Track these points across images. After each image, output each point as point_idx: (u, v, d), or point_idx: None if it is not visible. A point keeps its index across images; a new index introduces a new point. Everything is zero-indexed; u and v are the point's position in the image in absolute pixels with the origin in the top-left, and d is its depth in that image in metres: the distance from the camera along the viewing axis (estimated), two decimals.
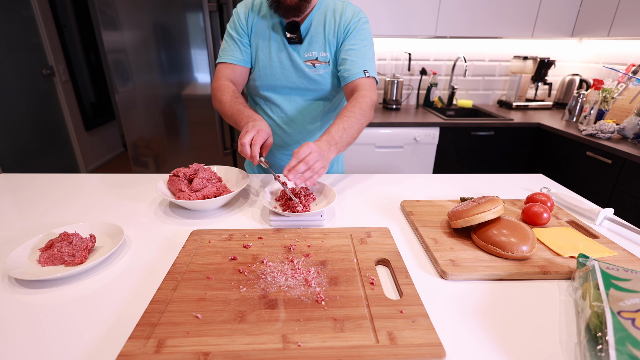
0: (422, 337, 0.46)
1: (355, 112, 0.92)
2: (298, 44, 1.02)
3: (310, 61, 1.03)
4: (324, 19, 1.02)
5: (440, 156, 2.25)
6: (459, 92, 2.73)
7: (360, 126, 0.93)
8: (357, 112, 0.92)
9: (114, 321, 0.50)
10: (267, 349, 0.44)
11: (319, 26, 1.02)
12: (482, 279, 0.60)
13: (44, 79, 2.82)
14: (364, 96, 0.96)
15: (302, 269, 0.60)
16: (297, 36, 1.00)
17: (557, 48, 2.64)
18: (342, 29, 1.01)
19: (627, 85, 1.96)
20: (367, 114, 0.96)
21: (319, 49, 1.03)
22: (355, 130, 0.91)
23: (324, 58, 1.03)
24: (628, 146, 1.70)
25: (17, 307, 0.53)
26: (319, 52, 1.03)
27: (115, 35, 2.01)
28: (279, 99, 1.09)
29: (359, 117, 0.92)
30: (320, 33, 1.02)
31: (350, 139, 0.91)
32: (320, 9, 1.02)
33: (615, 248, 0.67)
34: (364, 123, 0.95)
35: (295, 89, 1.07)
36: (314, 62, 1.03)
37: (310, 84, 1.06)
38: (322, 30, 1.02)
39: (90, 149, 3.38)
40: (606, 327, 0.42)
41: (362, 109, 0.93)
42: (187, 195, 0.81)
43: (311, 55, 1.03)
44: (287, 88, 1.07)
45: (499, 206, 0.67)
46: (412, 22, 2.20)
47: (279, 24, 1.02)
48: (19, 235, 0.73)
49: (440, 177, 1.07)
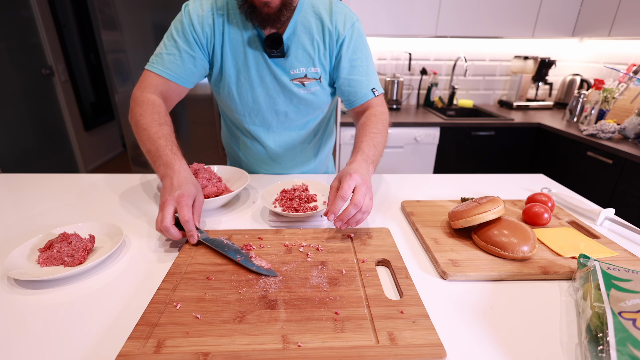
0: (423, 338, 0.45)
1: (380, 128, 0.82)
2: (280, 57, 0.85)
3: (299, 79, 0.86)
4: (308, 27, 0.84)
5: (440, 156, 2.25)
6: (459, 92, 2.73)
7: (385, 143, 0.84)
8: (381, 129, 0.83)
9: (114, 321, 0.50)
10: (267, 349, 0.44)
11: (304, 36, 0.84)
12: (482, 279, 0.60)
13: (44, 79, 2.82)
14: (382, 113, 0.88)
15: (302, 270, 0.59)
16: (279, 50, 0.83)
17: (557, 48, 2.64)
18: (334, 38, 0.85)
19: (628, 85, 1.96)
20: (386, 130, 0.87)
21: (307, 63, 0.86)
22: (382, 148, 0.82)
23: (314, 74, 0.86)
24: (629, 146, 1.70)
25: (16, 307, 0.53)
26: (307, 67, 0.86)
27: (114, 35, 2.01)
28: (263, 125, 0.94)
29: (384, 134, 0.83)
30: (308, 44, 0.84)
31: (379, 157, 0.81)
32: (301, 12, 0.84)
33: (616, 248, 0.67)
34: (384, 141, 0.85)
35: (282, 113, 0.91)
36: (302, 81, 0.86)
37: (300, 104, 0.90)
38: (310, 41, 0.84)
39: (89, 149, 3.38)
40: (607, 327, 0.42)
41: (384, 126, 0.85)
42: None
43: (298, 72, 0.86)
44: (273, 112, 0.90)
45: (500, 206, 0.67)
46: (413, 21, 2.20)
47: (256, 36, 0.83)
48: (18, 235, 0.72)
49: (441, 177, 1.07)
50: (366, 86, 0.89)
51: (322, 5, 0.86)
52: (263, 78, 0.87)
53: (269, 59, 0.85)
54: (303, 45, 0.85)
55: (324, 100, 0.92)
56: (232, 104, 0.91)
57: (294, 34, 0.84)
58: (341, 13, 0.86)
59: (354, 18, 0.87)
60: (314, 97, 0.90)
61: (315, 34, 0.85)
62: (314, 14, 0.85)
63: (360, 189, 0.63)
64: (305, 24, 0.84)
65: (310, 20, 0.84)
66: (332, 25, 0.84)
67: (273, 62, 0.85)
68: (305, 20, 0.84)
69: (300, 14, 0.84)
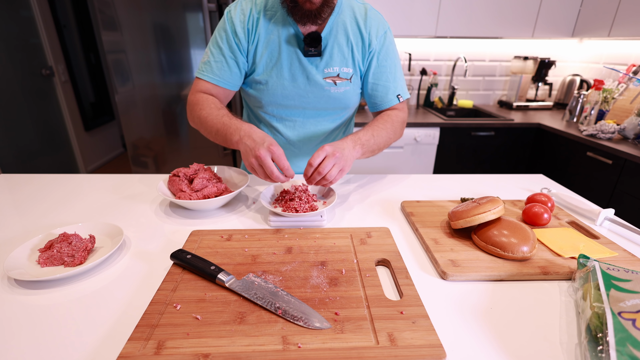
0: (423, 338, 0.45)
1: (387, 126, 0.88)
2: (316, 57, 0.87)
3: (331, 78, 0.88)
4: (344, 27, 0.87)
5: (440, 156, 2.25)
6: (459, 93, 2.73)
7: (388, 140, 0.88)
8: (388, 127, 0.88)
9: (114, 322, 0.50)
10: (267, 350, 0.44)
11: (341, 36, 0.87)
12: (482, 279, 0.60)
13: (44, 79, 2.82)
14: (397, 114, 0.92)
15: (301, 270, 0.59)
16: (317, 49, 0.85)
17: (557, 48, 2.65)
18: (367, 43, 0.88)
19: (628, 85, 1.96)
20: (398, 132, 0.92)
21: (341, 63, 0.88)
22: (383, 141, 0.86)
23: (346, 74, 0.89)
24: (628, 146, 1.70)
25: (17, 307, 0.53)
26: (341, 67, 0.88)
27: (114, 35, 2.01)
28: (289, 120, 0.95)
29: (389, 131, 0.88)
30: (344, 45, 0.87)
31: (376, 147, 0.85)
32: (340, 14, 0.87)
33: (616, 249, 0.67)
34: (392, 138, 0.90)
35: (311, 110, 0.93)
36: (335, 80, 0.88)
37: (329, 103, 0.92)
38: (345, 41, 0.87)
39: (89, 149, 3.38)
40: (607, 327, 0.42)
41: (393, 125, 0.89)
42: (188, 195, 0.80)
43: (332, 71, 0.88)
44: (301, 108, 0.93)
45: (500, 207, 0.67)
46: (412, 22, 2.20)
47: (293, 35, 0.85)
48: (19, 235, 0.72)
49: (441, 177, 1.07)
50: (392, 92, 0.93)
51: (358, 10, 0.89)
52: (295, 77, 0.89)
53: (303, 57, 0.87)
54: (339, 45, 0.87)
55: (352, 99, 0.94)
56: (262, 99, 0.93)
57: (330, 34, 0.87)
58: (375, 19, 0.90)
59: (386, 26, 0.92)
60: (344, 96, 0.92)
61: (351, 35, 0.88)
62: (352, 16, 0.88)
63: (329, 160, 0.71)
64: (343, 25, 0.87)
65: (347, 22, 0.87)
66: (367, 31, 0.88)
67: (307, 60, 0.87)
68: (343, 22, 0.87)
69: (339, 15, 0.87)
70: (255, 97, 0.94)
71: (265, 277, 0.57)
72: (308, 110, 0.94)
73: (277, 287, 0.54)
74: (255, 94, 0.93)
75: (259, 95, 0.93)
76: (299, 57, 0.87)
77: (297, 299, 0.52)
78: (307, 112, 0.95)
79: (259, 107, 0.96)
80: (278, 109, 0.94)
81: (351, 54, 0.88)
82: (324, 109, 0.94)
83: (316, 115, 0.96)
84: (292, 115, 0.96)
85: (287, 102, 0.92)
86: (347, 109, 0.97)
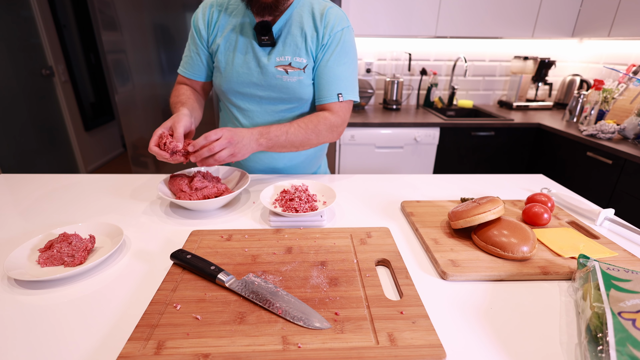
0: (423, 338, 0.45)
1: (309, 127, 0.90)
2: (269, 46, 0.91)
3: (283, 66, 0.91)
4: (300, 20, 0.90)
5: (440, 156, 2.25)
6: (459, 93, 2.73)
7: (305, 140, 0.91)
8: (310, 127, 0.90)
9: (114, 322, 0.50)
10: (267, 350, 0.44)
11: (296, 27, 0.90)
12: (482, 279, 0.60)
13: (44, 79, 2.82)
14: (326, 118, 0.93)
15: (301, 270, 0.59)
16: (269, 38, 0.89)
17: (557, 48, 2.65)
18: (321, 36, 0.90)
19: (628, 85, 1.96)
20: (322, 135, 0.93)
21: (294, 53, 0.91)
22: (298, 141, 0.90)
23: (299, 64, 0.91)
24: (628, 146, 1.70)
25: (17, 307, 0.53)
26: (293, 56, 0.91)
27: (114, 35, 2.01)
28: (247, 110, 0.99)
29: (310, 133, 0.91)
30: (297, 35, 0.90)
31: (289, 145, 0.89)
32: (297, 7, 0.91)
33: (616, 249, 0.67)
34: (313, 140, 0.92)
35: (267, 98, 0.96)
36: (286, 68, 0.91)
37: (282, 92, 0.94)
38: (300, 33, 0.90)
39: (89, 149, 3.38)
40: (607, 327, 0.42)
41: (317, 127, 0.91)
42: (188, 195, 0.80)
43: (283, 59, 0.91)
44: (257, 97, 0.96)
45: (500, 207, 0.67)
46: (412, 22, 2.20)
47: (248, 24, 0.91)
48: (18, 235, 0.72)
49: (441, 177, 1.07)
50: (334, 89, 0.93)
51: (317, 7, 0.92)
52: (249, 64, 0.93)
53: (256, 45, 0.92)
54: (293, 36, 0.91)
55: (306, 90, 0.95)
56: (222, 86, 0.98)
57: (285, 25, 0.91)
58: (334, 16, 0.91)
59: (345, 24, 0.92)
60: (298, 86, 0.94)
61: (306, 28, 0.91)
62: (309, 11, 0.91)
63: (221, 141, 0.76)
64: (299, 17, 0.91)
65: (304, 16, 0.91)
66: (322, 25, 0.90)
67: (261, 49, 0.92)
68: (299, 15, 0.91)
69: (296, 8, 0.91)
70: (217, 85, 1.00)
71: (265, 277, 0.57)
72: (264, 100, 0.97)
73: (277, 287, 0.54)
74: (216, 81, 1.00)
75: (218, 82, 0.99)
76: (253, 45, 0.92)
77: (297, 299, 0.52)
78: (263, 102, 0.98)
79: (222, 95, 1.03)
80: (236, 97, 0.98)
81: (304, 44, 0.91)
82: (280, 99, 0.96)
83: (272, 104, 0.98)
84: (250, 104, 0.99)
85: (243, 89, 0.96)
86: (303, 101, 0.98)
